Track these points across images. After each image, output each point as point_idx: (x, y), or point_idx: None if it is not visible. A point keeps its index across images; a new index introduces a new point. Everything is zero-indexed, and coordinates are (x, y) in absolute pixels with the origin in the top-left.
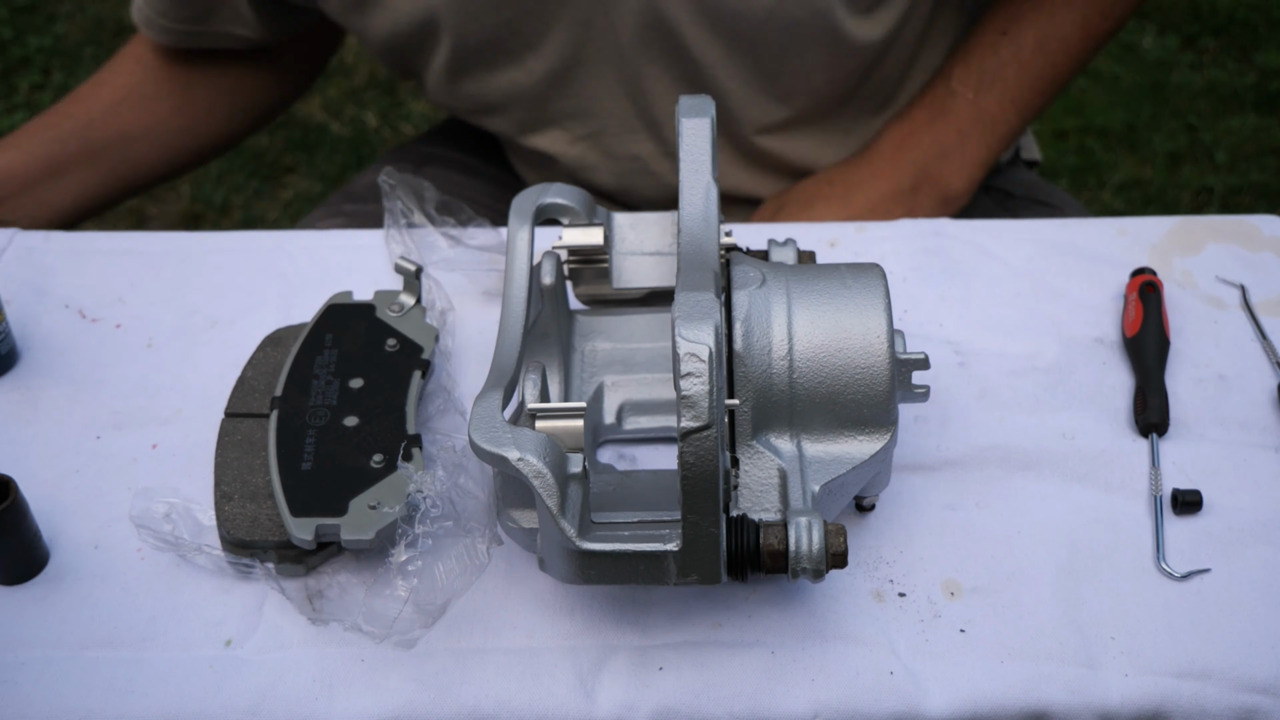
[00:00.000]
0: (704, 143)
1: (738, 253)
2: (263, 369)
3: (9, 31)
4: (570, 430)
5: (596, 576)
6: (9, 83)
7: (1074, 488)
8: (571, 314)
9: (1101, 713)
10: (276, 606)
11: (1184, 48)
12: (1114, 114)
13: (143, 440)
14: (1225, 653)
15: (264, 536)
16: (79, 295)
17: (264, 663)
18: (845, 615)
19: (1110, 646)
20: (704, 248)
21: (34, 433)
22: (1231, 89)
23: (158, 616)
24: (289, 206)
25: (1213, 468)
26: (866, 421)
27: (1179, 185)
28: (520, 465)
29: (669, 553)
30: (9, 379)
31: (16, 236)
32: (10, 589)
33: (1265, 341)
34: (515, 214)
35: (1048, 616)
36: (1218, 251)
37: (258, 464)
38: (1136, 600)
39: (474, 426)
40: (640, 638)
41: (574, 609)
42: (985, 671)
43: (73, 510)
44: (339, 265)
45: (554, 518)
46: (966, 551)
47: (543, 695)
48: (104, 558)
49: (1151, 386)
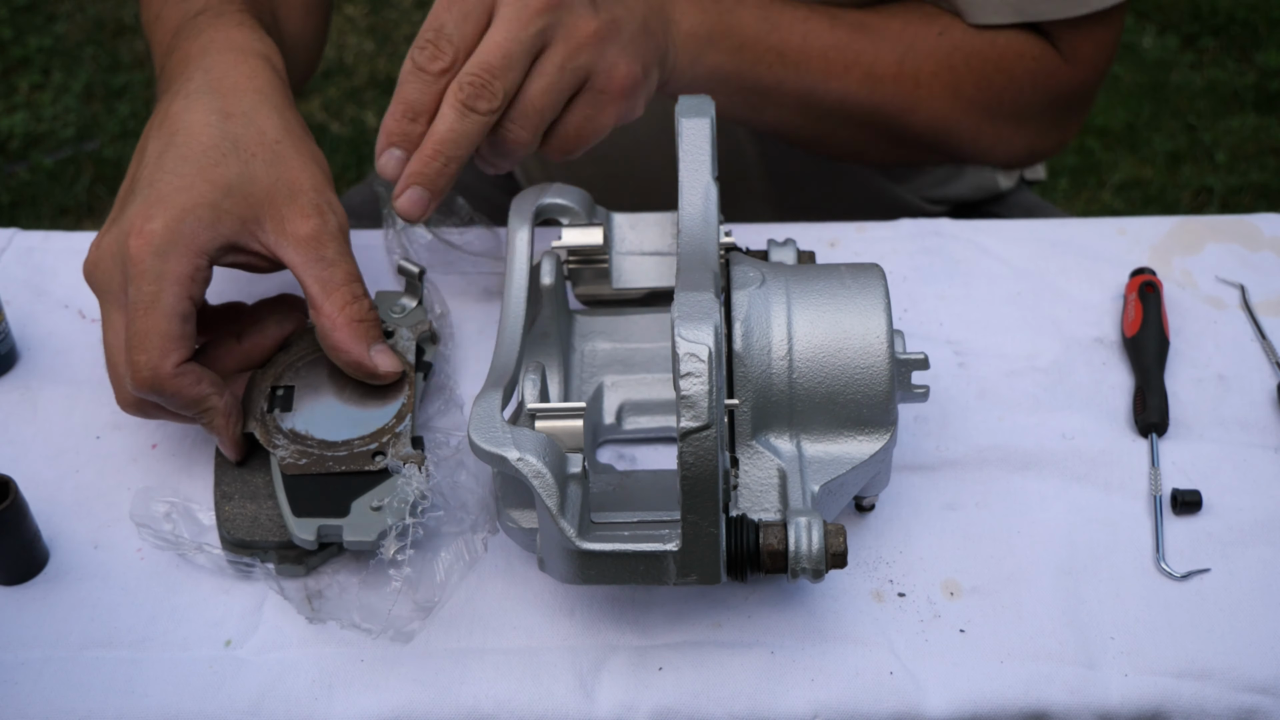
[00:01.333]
0: (704, 143)
1: (737, 253)
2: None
3: (9, 31)
4: (570, 430)
5: (596, 576)
6: (9, 83)
7: (1074, 488)
8: (571, 314)
9: (1101, 713)
10: (276, 606)
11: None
12: (1114, 114)
13: (143, 440)
14: (1225, 653)
15: (264, 536)
16: (79, 295)
17: (264, 663)
18: (845, 615)
19: (1110, 646)
20: (704, 248)
21: (34, 433)
22: (1231, 89)
23: (158, 616)
24: None
25: (1213, 468)
26: (866, 421)
27: (1179, 185)
28: (520, 465)
29: (669, 553)
30: (9, 379)
31: (16, 236)
32: (10, 589)
33: (1265, 341)
34: (515, 214)
35: (1048, 616)
36: (1217, 251)
37: (258, 464)
38: (1136, 600)
39: (474, 426)
40: (640, 638)
41: (574, 609)
42: (985, 671)
43: (73, 510)
44: None
45: (554, 518)
46: (966, 551)
47: (542, 695)
48: (104, 558)
49: (1151, 386)
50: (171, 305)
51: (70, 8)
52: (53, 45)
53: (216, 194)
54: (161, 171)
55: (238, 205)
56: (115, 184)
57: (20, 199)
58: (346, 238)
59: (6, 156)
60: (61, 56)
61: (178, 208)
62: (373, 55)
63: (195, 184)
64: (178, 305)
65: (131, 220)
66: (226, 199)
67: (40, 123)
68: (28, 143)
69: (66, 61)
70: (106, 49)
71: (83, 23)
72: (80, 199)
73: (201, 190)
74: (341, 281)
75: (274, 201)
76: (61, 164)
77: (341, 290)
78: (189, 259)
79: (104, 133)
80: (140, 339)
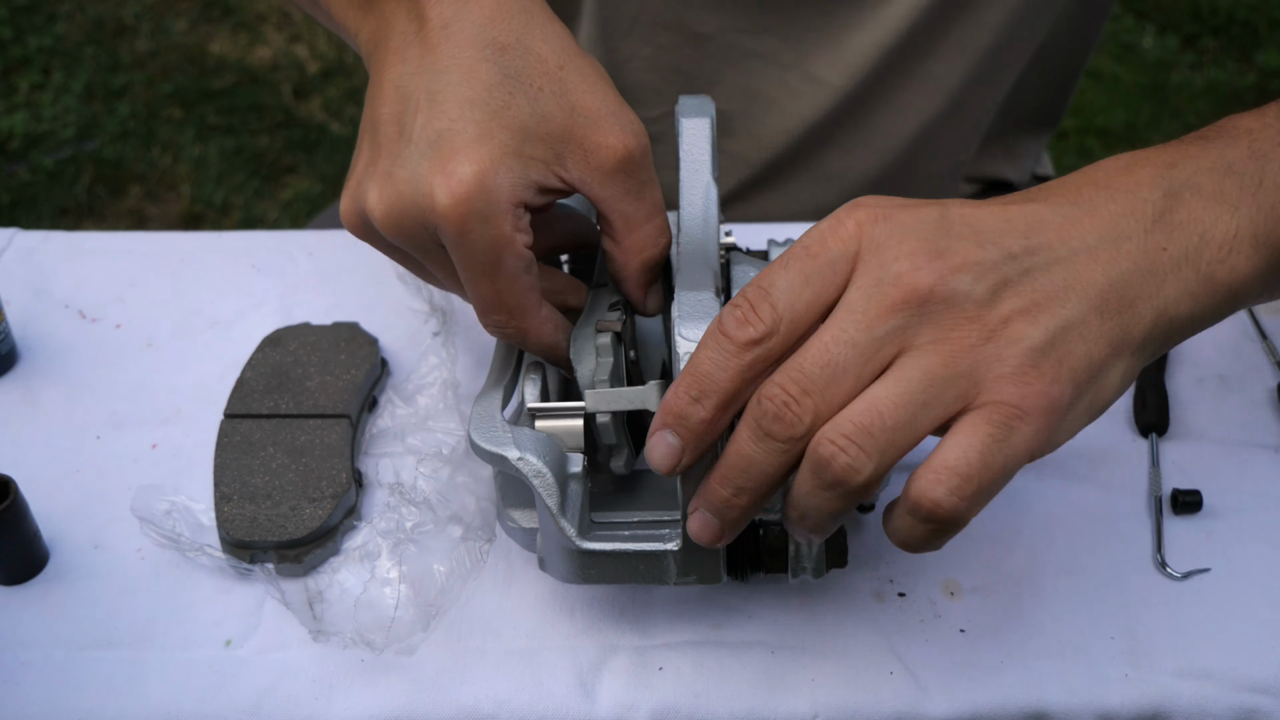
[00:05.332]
0: (704, 143)
1: (738, 253)
2: (262, 370)
3: (9, 31)
4: (570, 430)
5: (596, 576)
6: (9, 83)
7: (1074, 488)
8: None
9: (1101, 713)
10: (276, 607)
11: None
12: (1114, 114)
13: (143, 440)
14: (1225, 653)
15: (264, 537)
16: (79, 295)
17: (264, 663)
18: (845, 615)
19: (1110, 646)
20: (704, 248)
21: (34, 433)
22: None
23: (158, 616)
24: (289, 206)
25: (1213, 468)
26: None
27: None
28: (520, 465)
29: (669, 553)
30: (9, 379)
31: (16, 236)
32: (10, 589)
33: (1265, 341)
34: None
35: (1048, 616)
36: None
37: (257, 465)
38: (1136, 600)
39: (474, 426)
40: (640, 638)
41: (574, 609)
42: (985, 671)
43: (73, 510)
44: (339, 265)
45: (554, 517)
46: (966, 551)
47: (543, 695)
48: (104, 558)
49: (1151, 386)
50: (514, 266)
51: (70, 8)
52: (53, 45)
53: (516, 140)
54: (444, 117)
55: (539, 149)
56: (115, 184)
57: (20, 199)
58: (650, 159)
59: (6, 156)
60: (61, 56)
61: (485, 161)
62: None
63: (493, 132)
64: (518, 263)
65: (431, 176)
66: (527, 144)
67: (40, 123)
68: (28, 143)
69: (66, 61)
70: (106, 49)
71: (83, 23)
72: (80, 199)
73: (502, 140)
74: (645, 218)
75: (573, 135)
76: (61, 164)
77: (645, 228)
78: (511, 215)
79: (104, 133)
80: (491, 303)
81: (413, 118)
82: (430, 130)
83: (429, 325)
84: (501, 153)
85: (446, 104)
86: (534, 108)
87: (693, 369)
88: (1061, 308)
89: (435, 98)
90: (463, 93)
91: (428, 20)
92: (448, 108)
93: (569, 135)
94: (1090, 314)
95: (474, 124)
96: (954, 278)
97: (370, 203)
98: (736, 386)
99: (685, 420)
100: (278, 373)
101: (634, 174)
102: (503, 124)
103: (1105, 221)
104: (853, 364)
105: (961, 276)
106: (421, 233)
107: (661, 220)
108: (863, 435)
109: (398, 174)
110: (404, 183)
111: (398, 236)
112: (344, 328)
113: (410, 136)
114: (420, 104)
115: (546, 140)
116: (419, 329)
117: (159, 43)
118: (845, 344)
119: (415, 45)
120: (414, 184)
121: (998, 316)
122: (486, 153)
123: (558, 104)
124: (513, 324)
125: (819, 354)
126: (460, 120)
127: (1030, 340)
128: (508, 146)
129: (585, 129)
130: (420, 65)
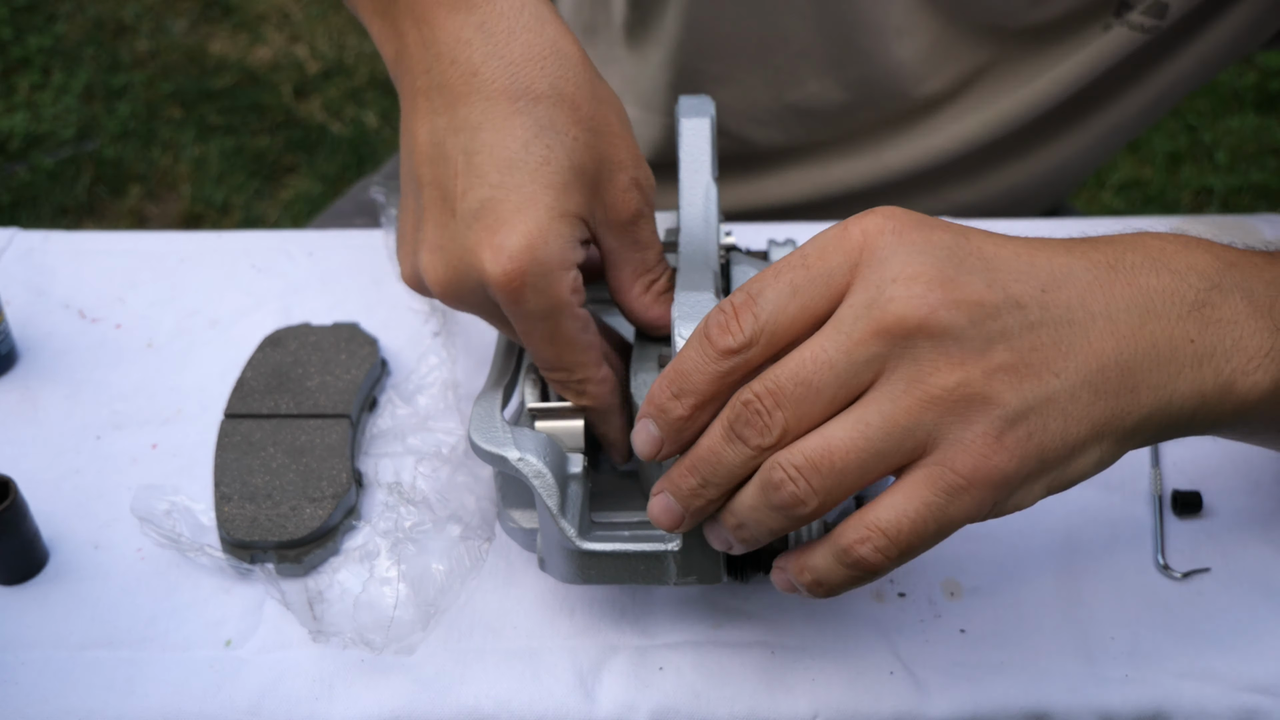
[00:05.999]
0: (704, 143)
1: (738, 253)
2: (262, 370)
3: (9, 31)
4: (570, 430)
5: (596, 576)
6: (9, 83)
7: (1074, 488)
8: None
9: (1101, 713)
10: (276, 607)
11: None
12: None
13: (143, 440)
14: (1225, 653)
15: (264, 537)
16: (79, 295)
17: (264, 663)
18: (845, 615)
19: (1110, 646)
20: (704, 248)
21: (34, 433)
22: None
23: (158, 616)
24: (289, 206)
25: (1213, 468)
26: None
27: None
28: (520, 465)
29: (669, 553)
30: (9, 379)
31: (17, 236)
32: (10, 589)
33: None
34: None
35: (1048, 616)
36: None
37: (257, 465)
38: (1136, 600)
39: (474, 426)
40: (640, 638)
41: (574, 609)
42: (985, 671)
43: (73, 510)
44: (339, 265)
45: (554, 518)
46: (966, 551)
47: (543, 695)
48: (104, 558)
49: None
50: (571, 328)
51: (70, 8)
52: (53, 45)
53: (559, 200)
54: (485, 184)
55: (577, 203)
56: (115, 184)
57: (20, 199)
58: (654, 208)
59: (6, 156)
60: (61, 56)
61: (533, 230)
62: (373, 55)
63: (536, 195)
64: (575, 324)
65: (480, 250)
66: (568, 200)
67: (40, 123)
68: (28, 143)
69: (66, 61)
70: (106, 49)
71: (83, 23)
72: (80, 199)
73: (546, 202)
74: (651, 265)
75: (600, 186)
76: (61, 164)
77: (651, 272)
78: (564, 280)
79: (104, 133)
80: (552, 363)
81: (453, 182)
82: (473, 199)
83: (429, 325)
84: (548, 218)
85: (485, 168)
86: (570, 159)
87: (676, 365)
88: (1054, 376)
89: (473, 160)
90: (500, 154)
91: (454, 60)
92: (487, 173)
93: (597, 186)
94: (1082, 389)
95: (515, 190)
96: (948, 313)
97: (426, 274)
98: (714, 389)
99: (665, 414)
100: (278, 373)
101: (640, 230)
102: (544, 184)
103: (1139, 293)
104: (828, 386)
105: (957, 314)
106: (481, 301)
107: (664, 264)
108: (812, 471)
109: (448, 248)
110: (455, 257)
111: (458, 306)
112: (344, 328)
113: (453, 207)
114: (459, 168)
115: (582, 193)
116: (419, 329)
117: (159, 43)
118: (823, 365)
119: (442, 93)
120: (465, 259)
121: (982, 369)
122: (533, 220)
123: (589, 154)
124: (573, 381)
125: (796, 370)
126: (501, 187)
127: (1004, 408)
128: (553, 210)
129: (609, 181)
130: (452, 121)
